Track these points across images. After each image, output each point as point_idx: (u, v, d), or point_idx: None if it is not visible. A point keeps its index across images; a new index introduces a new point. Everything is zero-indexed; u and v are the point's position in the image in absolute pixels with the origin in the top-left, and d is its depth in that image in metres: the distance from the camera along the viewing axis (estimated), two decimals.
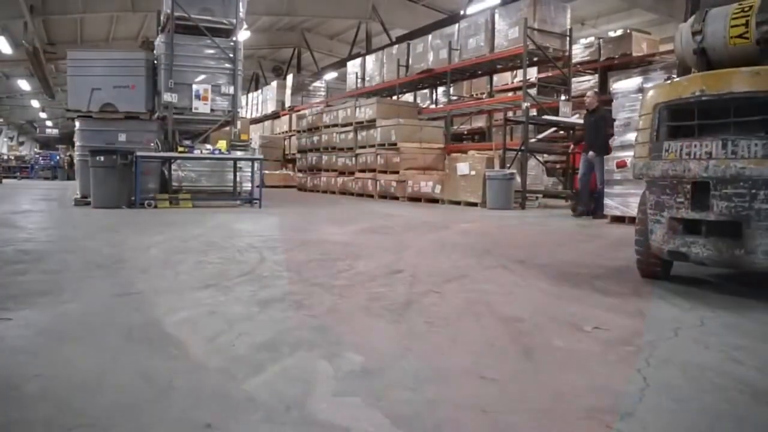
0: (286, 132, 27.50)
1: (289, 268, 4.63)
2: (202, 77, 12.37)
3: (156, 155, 11.67)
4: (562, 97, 17.27)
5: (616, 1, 21.00)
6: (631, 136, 9.36)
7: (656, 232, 4.11)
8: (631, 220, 9.24)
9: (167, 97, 12.00)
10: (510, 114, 17.54)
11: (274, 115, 29.07)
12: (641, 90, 9.33)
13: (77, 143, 12.48)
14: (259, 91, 31.17)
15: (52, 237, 6.58)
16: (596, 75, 19.46)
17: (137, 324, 2.97)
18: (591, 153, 10.73)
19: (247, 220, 9.05)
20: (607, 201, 9.76)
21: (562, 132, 16.00)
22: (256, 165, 12.66)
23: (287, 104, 27.48)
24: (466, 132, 23.35)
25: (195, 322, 3.02)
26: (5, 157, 43.93)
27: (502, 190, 12.99)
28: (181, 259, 5.02)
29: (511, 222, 9.68)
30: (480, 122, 21.91)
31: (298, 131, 23.47)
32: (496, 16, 15.65)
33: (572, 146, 12.58)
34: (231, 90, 12.49)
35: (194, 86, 12.22)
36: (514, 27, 15.03)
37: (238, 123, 12.84)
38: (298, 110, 26.47)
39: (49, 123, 54.25)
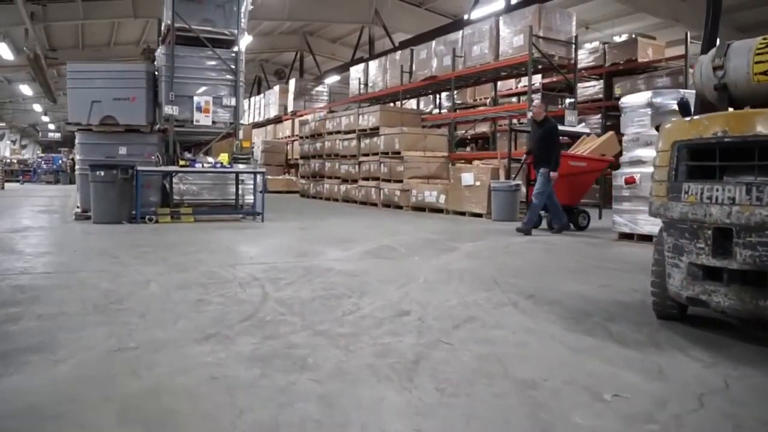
0: (289, 137, 27.39)
1: (292, 310, 4.47)
2: (203, 89, 12.22)
3: (157, 170, 11.53)
4: (568, 101, 17.13)
5: (620, 5, 20.81)
6: (640, 152, 9.22)
7: (674, 277, 3.95)
8: (641, 237, 9.13)
9: (168, 109, 11.87)
10: (515, 121, 17.39)
11: (277, 120, 28.96)
12: (650, 104, 9.18)
13: (77, 157, 12.36)
14: (262, 95, 31.08)
15: (50, 266, 6.43)
16: (601, 80, 19.32)
17: (133, 395, 2.81)
18: (553, 174, 10.11)
19: (249, 241, 8.90)
20: (615, 218, 9.59)
21: (567, 139, 15.80)
22: (258, 177, 12.52)
23: (290, 109, 27.36)
24: (469, 137, 23.19)
25: (194, 393, 2.86)
26: (8, 161, 43.83)
27: (507, 202, 12.86)
28: (181, 297, 4.86)
29: (517, 240, 9.52)
30: (484, 127, 21.73)
31: (301, 137, 23.34)
32: (501, 24, 15.49)
33: (525, 156, 12.16)
34: (233, 102, 12.35)
35: (195, 98, 12.10)
36: (518, 35, 14.86)
37: (240, 134, 12.68)
38: (301, 115, 26.37)
39: (51, 126, 54.30)
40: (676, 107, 5.05)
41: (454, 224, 12.20)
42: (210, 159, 12.10)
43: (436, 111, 22.37)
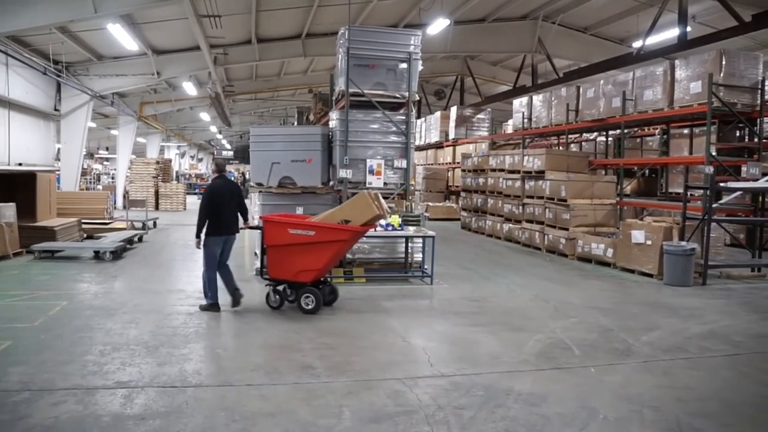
0: (450, 163, 27.72)
1: None
2: (374, 151, 12.74)
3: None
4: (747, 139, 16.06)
5: None
6: None
7: None
8: None
9: (342, 173, 12.52)
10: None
11: (438, 145, 29.36)
12: None
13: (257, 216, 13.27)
14: (423, 119, 31.57)
15: (254, 394, 6.97)
16: None
17: None
18: (196, 240, 9.44)
19: (423, 327, 9.03)
20: None
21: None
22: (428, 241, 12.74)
23: (451, 136, 27.68)
24: (636, 167, 22.36)
25: None
26: (187, 176, 47.58)
27: (680, 266, 12.40)
28: None
29: (694, 330, 9.06)
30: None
31: (463, 170, 23.55)
32: (676, 68, 14.85)
33: None
34: (403, 164, 12.77)
35: (368, 161, 12.63)
36: (696, 80, 14.21)
37: (410, 197, 13.08)
38: (462, 143, 26.62)
39: (224, 142, 58.60)
40: None
41: (623, 291, 11.92)
42: (381, 221, 12.53)
43: (602, 138, 21.89)
